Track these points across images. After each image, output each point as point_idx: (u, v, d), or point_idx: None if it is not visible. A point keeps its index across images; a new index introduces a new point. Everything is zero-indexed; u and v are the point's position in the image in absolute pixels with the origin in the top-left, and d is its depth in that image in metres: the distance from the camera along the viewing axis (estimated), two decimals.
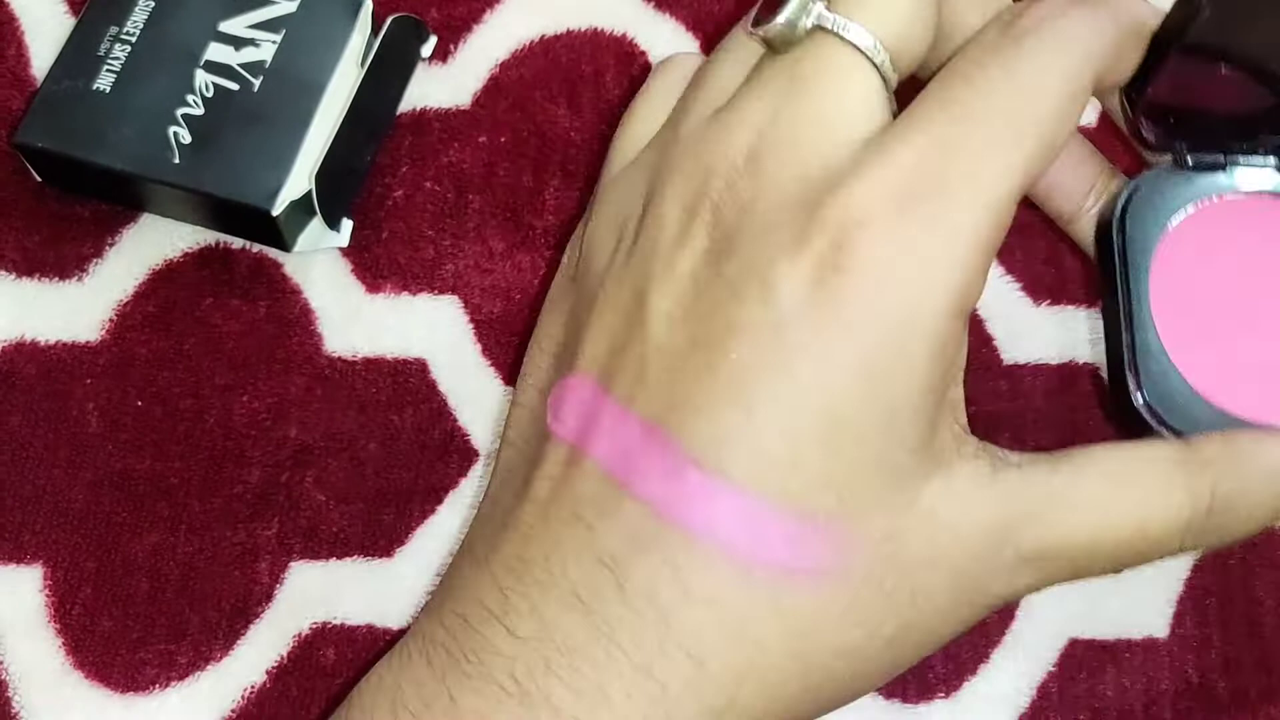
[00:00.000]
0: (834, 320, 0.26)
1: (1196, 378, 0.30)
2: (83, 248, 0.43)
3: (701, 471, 0.26)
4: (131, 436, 0.41)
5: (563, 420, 0.29)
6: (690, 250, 0.28)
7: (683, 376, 0.27)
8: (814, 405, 0.26)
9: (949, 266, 0.26)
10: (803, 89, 0.28)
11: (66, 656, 0.39)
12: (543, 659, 0.26)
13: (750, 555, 0.26)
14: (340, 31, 0.43)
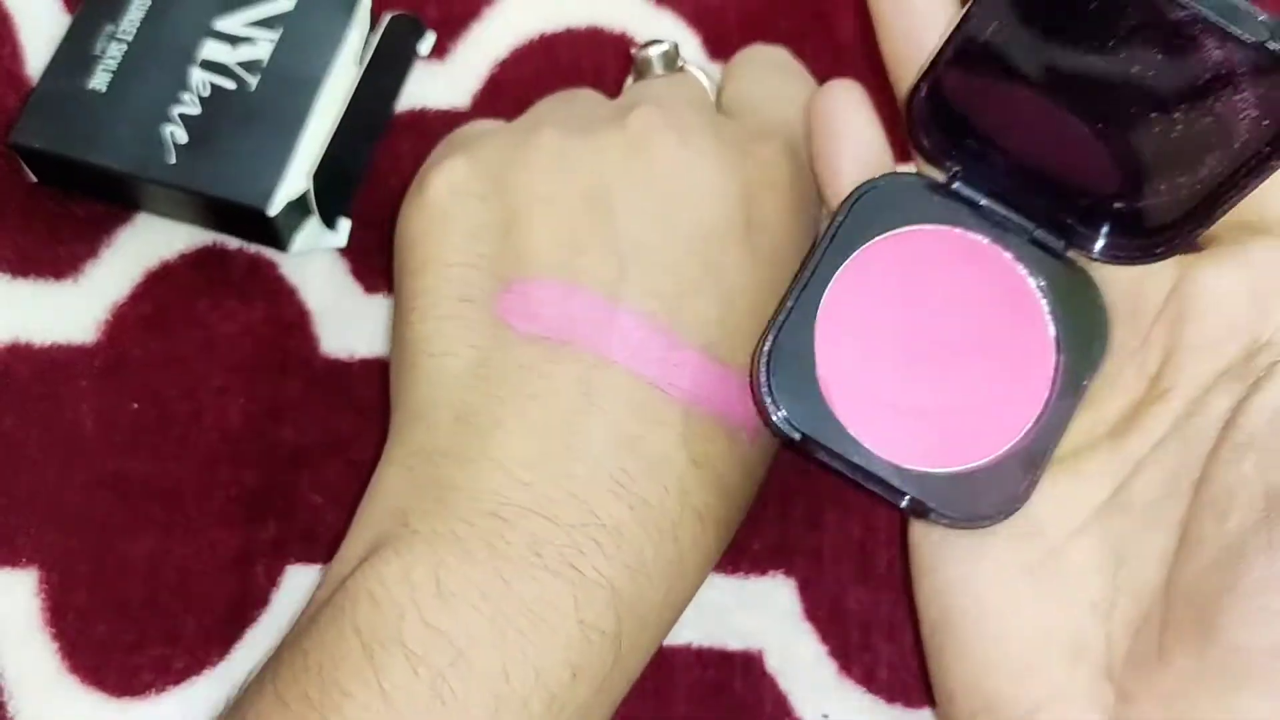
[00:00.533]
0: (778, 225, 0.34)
1: (824, 367, 0.32)
2: (78, 248, 0.43)
3: (694, 351, 0.31)
4: (126, 438, 0.40)
5: (538, 320, 0.32)
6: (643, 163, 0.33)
7: (662, 270, 0.32)
8: (767, 293, 0.33)
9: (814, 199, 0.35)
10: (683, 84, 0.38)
11: (61, 661, 0.38)
12: (593, 540, 0.30)
13: (733, 420, 0.32)
14: (337, 29, 0.42)
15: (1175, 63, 0.29)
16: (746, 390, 0.32)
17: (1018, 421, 0.33)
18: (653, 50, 0.38)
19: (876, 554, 0.39)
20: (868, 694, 0.38)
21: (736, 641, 0.38)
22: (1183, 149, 0.31)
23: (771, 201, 0.34)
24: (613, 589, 0.29)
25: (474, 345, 0.32)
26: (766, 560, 0.39)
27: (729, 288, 0.33)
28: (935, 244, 0.34)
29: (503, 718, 0.28)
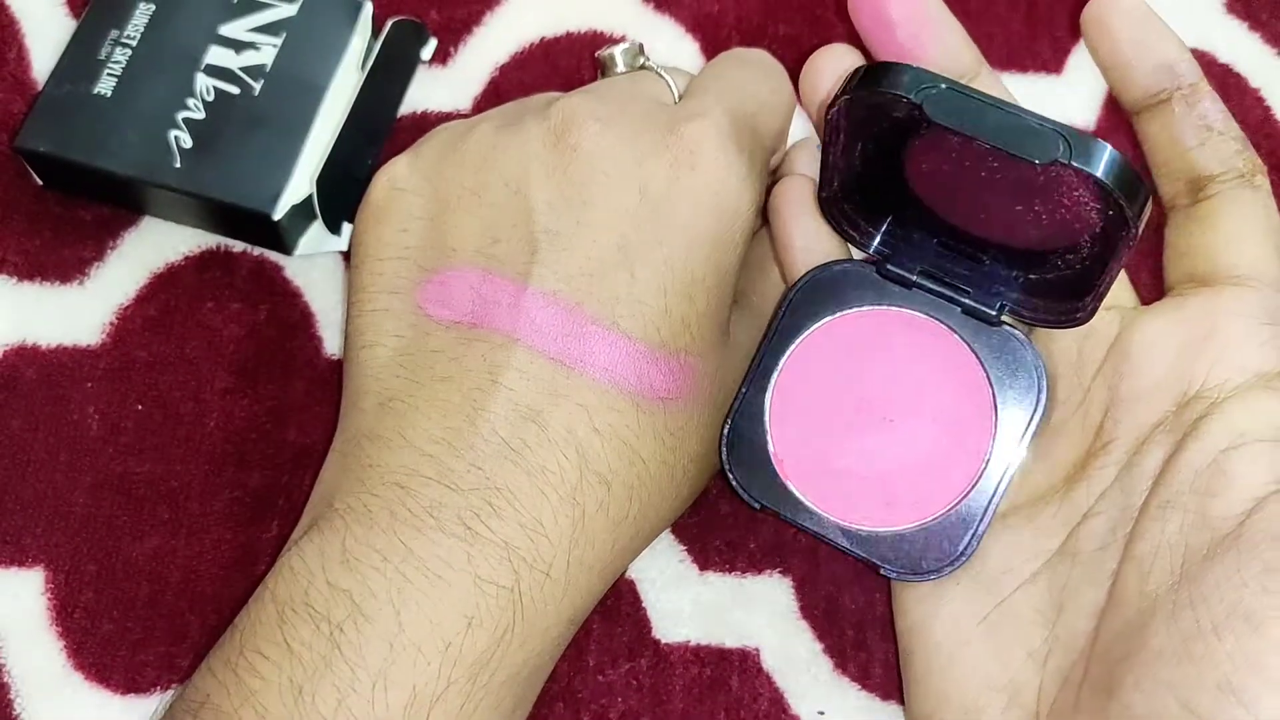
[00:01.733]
0: (690, 204, 0.34)
1: (777, 441, 0.35)
2: (83, 251, 0.42)
3: (600, 327, 0.32)
4: (132, 440, 0.40)
5: (453, 306, 0.33)
6: (561, 151, 0.34)
7: (573, 253, 0.33)
8: (678, 268, 0.33)
9: (752, 180, 0.35)
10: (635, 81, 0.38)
11: (68, 659, 0.38)
12: (488, 503, 0.31)
13: (639, 389, 0.33)
14: (340, 35, 0.42)
15: (1007, 172, 0.32)
16: (659, 362, 0.33)
17: (959, 482, 0.35)
18: (616, 48, 0.39)
19: None
20: (863, 691, 0.38)
21: (733, 639, 0.38)
22: (1060, 237, 0.33)
23: (688, 180, 0.34)
24: (508, 546, 0.31)
25: (398, 335, 0.34)
26: (763, 559, 0.39)
27: (643, 265, 0.33)
28: (875, 322, 0.36)
29: (398, 662, 0.29)
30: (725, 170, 0.34)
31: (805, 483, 0.35)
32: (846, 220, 0.36)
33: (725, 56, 0.39)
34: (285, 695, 0.29)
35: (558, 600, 0.32)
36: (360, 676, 0.29)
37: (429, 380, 0.32)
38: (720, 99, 0.36)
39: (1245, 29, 0.46)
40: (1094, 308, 0.33)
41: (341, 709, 0.29)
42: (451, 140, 0.36)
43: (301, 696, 0.29)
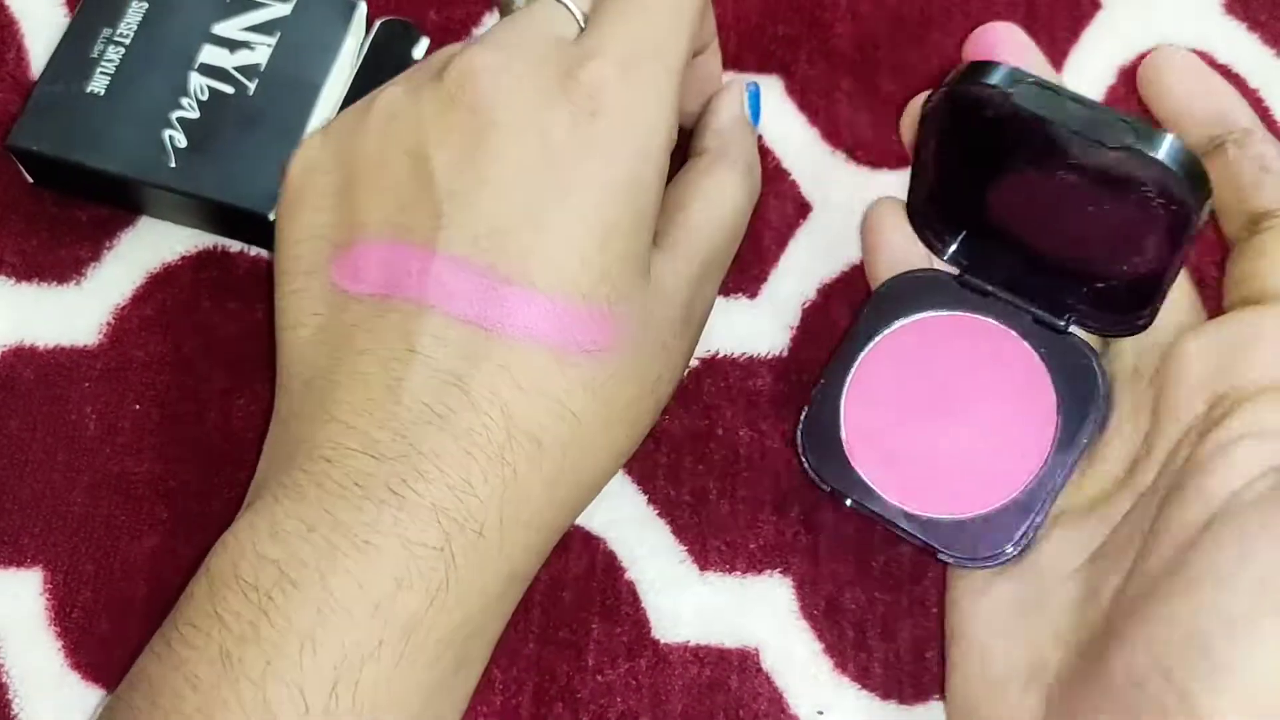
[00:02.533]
0: (595, 150, 0.33)
1: (850, 433, 0.37)
2: (80, 251, 0.41)
3: (514, 286, 0.31)
4: (129, 440, 0.39)
5: (365, 279, 0.32)
6: (458, 111, 0.33)
7: (478, 212, 0.32)
8: (589, 217, 0.32)
9: (661, 112, 0.34)
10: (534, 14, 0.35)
11: (65, 658, 0.37)
12: (414, 469, 0.30)
13: (561, 344, 0.32)
14: (335, 34, 0.41)
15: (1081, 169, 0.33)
16: (579, 315, 0.32)
17: (1019, 477, 0.36)
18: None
19: (872, 553, 0.38)
20: (863, 691, 0.37)
21: (733, 639, 0.37)
22: (1126, 235, 0.34)
23: (589, 126, 0.33)
24: (436, 508, 0.30)
25: (316, 313, 0.33)
26: (763, 559, 0.38)
27: (552, 218, 0.32)
28: (949, 326, 0.38)
29: (326, 625, 0.29)
30: (628, 109, 0.33)
31: (873, 469, 0.36)
32: (931, 230, 0.38)
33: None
34: (214, 662, 0.29)
35: (494, 558, 0.31)
36: (288, 639, 0.29)
37: (348, 354, 0.32)
38: (617, 27, 0.34)
39: (1244, 29, 0.45)
40: (1154, 313, 0.35)
41: (269, 671, 0.29)
42: (357, 112, 0.35)
43: (230, 661, 0.29)
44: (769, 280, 0.42)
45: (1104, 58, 0.45)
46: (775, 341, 0.41)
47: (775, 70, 0.44)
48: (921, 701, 0.37)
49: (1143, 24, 0.45)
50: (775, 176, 0.43)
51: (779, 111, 0.44)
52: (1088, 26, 0.45)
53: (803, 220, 0.42)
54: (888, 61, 0.44)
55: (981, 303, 0.37)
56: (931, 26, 0.45)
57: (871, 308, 0.38)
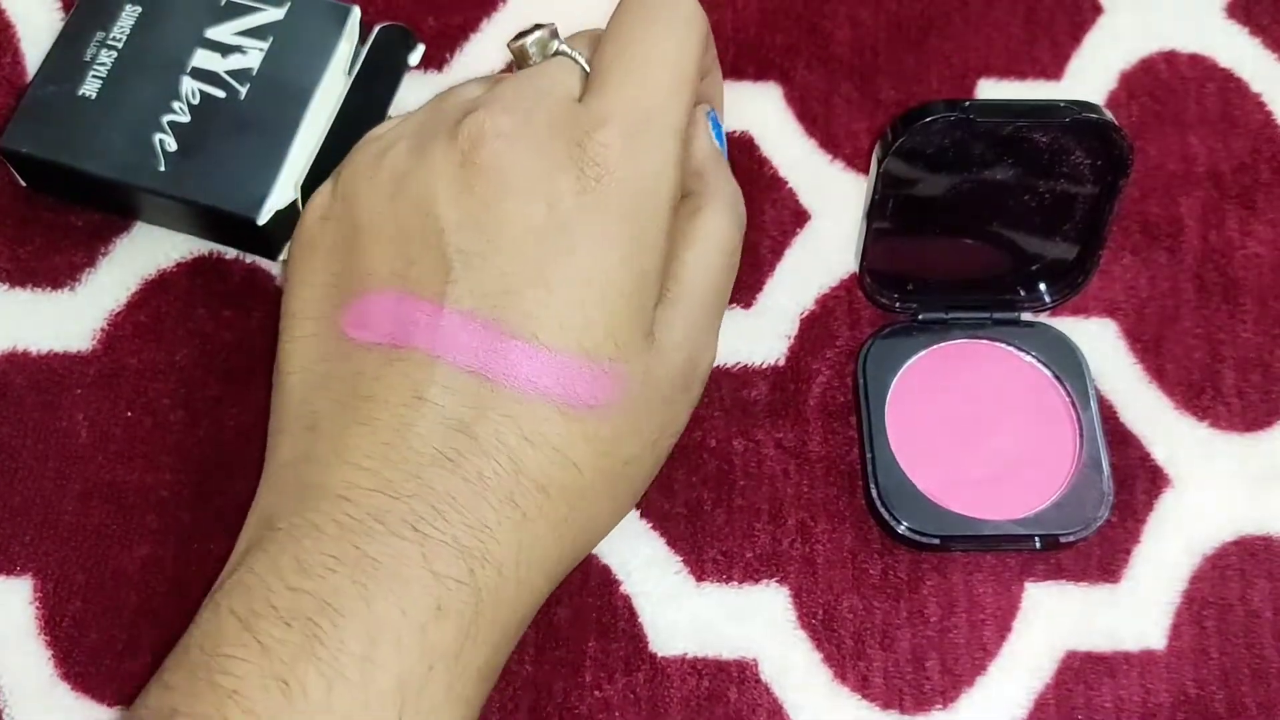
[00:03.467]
0: (602, 214, 0.33)
1: (921, 482, 0.37)
2: (75, 257, 0.40)
3: (519, 341, 0.31)
4: (121, 448, 0.38)
5: (373, 328, 0.32)
6: (468, 170, 0.33)
7: (487, 272, 0.32)
8: (595, 278, 0.32)
9: (665, 173, 0.34)
10: (548, 73, 0.35)
11: (55, 668, 0.35)
12: (431, 508, 0.30)
13: (563, 398, 0.32)
14: (328, 40, 0.40)
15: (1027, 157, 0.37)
16: (582, 372, 0.32)
17: (1069, 446, 0.38)
18: (528, 39, 0.36)
19: (869, 562, 0.37)
20: (862, 700, 0.35)
21: (730, 651, 0.36)
22: (1062, 205, 0.38)
23: (597, 191, 0.33)
24: (458, 544, 0.30)
25: (324, 359, 0.33)
26: (760, 569, 0.37)
27: (558, 278, 0.32)
28: (939, 359, 0.40)
29: (380, 647, 0.28)
30: (637, 175, 0.33)
31: (965, 504, 0.37)
32: (883, 291, 0.40)
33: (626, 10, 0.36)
34: (270, 689, 0.27)
35: (512, 597, 0.31)
36: (345, 662, 0.28)
37: (355, 400, 0.32)
38: (623, 91, 0.34)
39: (1246, 34, 0.44)
40: (1097, 261, 0.39)
41: (334, 694, 0.28)
42: (369, 163, 0.34)
43: (289, 688, 0.27)
44: (764, 290, 0.40)
45: (1106, 62, 0.43)
46: (771, 351, 0.40)
47: (774, 78, 0.43)
48: (922, 711, 0.35)
49: (1144, 28, 0.44)
50: (773, 185, 0.42)
51: (777, 120, 0.43)
52: (1089, 31, 0.44)
53: (800, 229, 0.41)
54: (887, 68, 0.43)
55: (946, 329, 0.40)
56: (930, 32, 0.44)
57: (871, 373, 0.39)
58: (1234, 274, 0.41)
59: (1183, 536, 0.37)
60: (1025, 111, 0.35)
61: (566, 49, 0.36)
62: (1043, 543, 0.37)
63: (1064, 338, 0.39)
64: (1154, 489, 0.38)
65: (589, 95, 0.35)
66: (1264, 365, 0.39)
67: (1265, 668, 0.36)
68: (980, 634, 0.36)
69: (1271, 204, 0.41)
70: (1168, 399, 0.39)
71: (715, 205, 0.36)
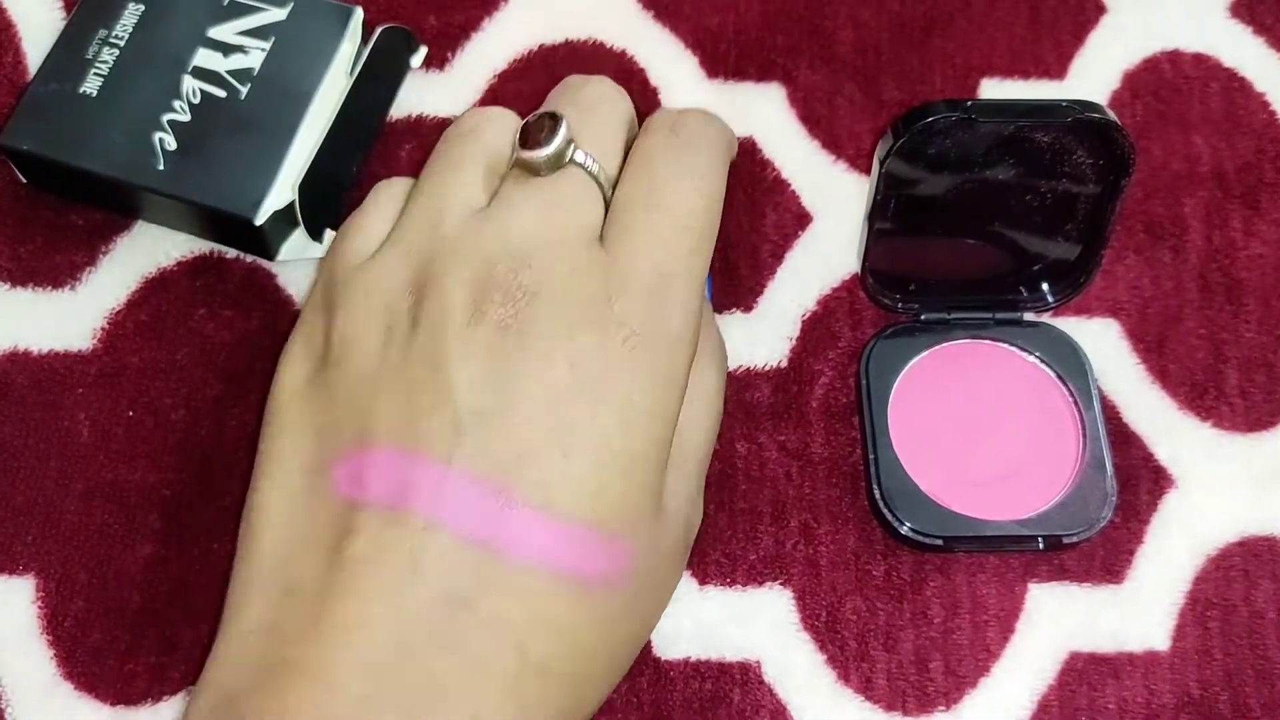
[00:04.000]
0: (624, 377, 0.30)
1: (924, 483, 0.37)
2: (76, 256, 0.39)
3: (528, 509, 0.29)
4: (123, 447, 0.37)
5: (370, 487, 0.29)
6: (485, 327, 0.30)
7: (501, 434, 0.29)
8: (616, 445, 0.30)
9: (688, 334, 0.32)
10: (565, 198, 0.32)
11: (57, 668, 0.35)
12: (423, 699, 0.27)
13: (575, 573, 0.29)
14: (330, 40, 0.39)
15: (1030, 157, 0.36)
16: (595, 544, 0.29)
17: (1073, 445, 0.38)
18: (542, 156, 0.32)
19: (873, 563, 0.36)
20: (866, 702, 0.35)
21: (733, 653, 0.35)
22: (1065, 205, 0.38)
23: (622, 355, 0.30)
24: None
25: (308, 515, 0.30)
26: (763, 571, 0.36)
27: (576, 444, 0.29)
28: (942, 359, 0.39)
29: None
30: (660, 339, 0.31)
31: (969, 505, 0.37)
32: (886, 292, 0.39)
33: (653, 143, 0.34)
34: None
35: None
36: None
37: (341, 564, 0.28)
38: (649, 245, 0.32)
39: (1250, 33, 0.43)
40: (1099, 261, 0.38)
41: None
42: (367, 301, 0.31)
43: None
44: (766, 292, 0.40)
45: (1109, 62, 0.43)
46: (773, 353, 0.39)
47: (777, 79, 0.43)
48: (925, 713, 0.35)
49: (1148, 28, 0.43)
50: (775, 188, 0.41)
51: (780, 121, 0.42)
52: (1093, 30, 0.43)
53: (802, 231, 0.41)
54: (890, 68, 0.43)
55: (948, 329, 0.39)
56: (933, 32, 0.43)
57: (873, 374, 0.39)
58: (1237, 274, 0.40)
59: (1186, 537, 0.37)
60: (1027, 111, 0.35)
61: (581, 157, 0.33)
62: (1046, 543, 0.36)
63: (1067, 338, 0.39)
64: (1157, 489, 0.38)
65: (611, 241, 0.32)
66: (1268, 365, 0.39)
67: (1269, 669, 0.35)
68: (983, 635, 0.36)
69: (1275, 204, 0.41)
70: (1171, 399, 0.39)
71: (705, 361, 0.34)
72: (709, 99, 0.42)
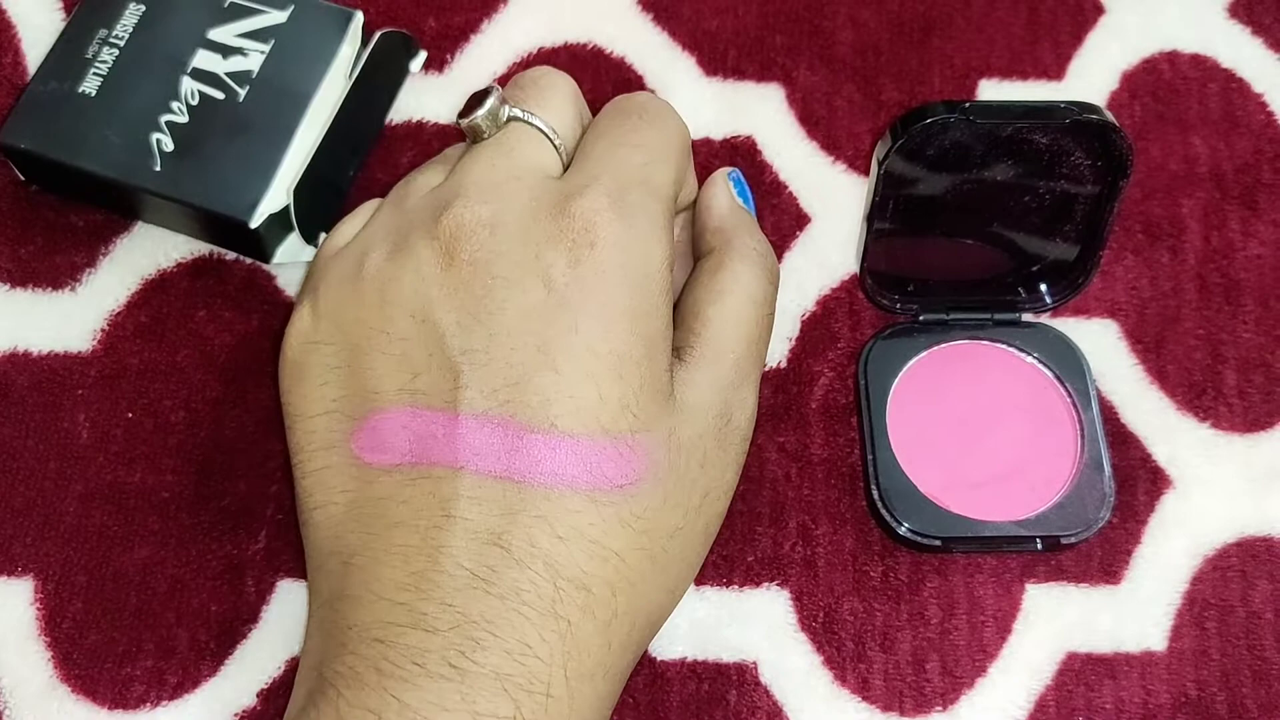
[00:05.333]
0: (598, 283, 0.31)
1: (922, 484, 0.37)
2: (76, 257, 0.39)
3: (537, 434, 0.30)
4: (122, 448, 0.37)
5: (389, 450, 0.30)
6: (456, 267, 0.31)
7: (494, 367, 0.30)
8: (601, 351, 0.30)
9: (656, 234, 0.32)
10: (512, 147, 0.33)
11: (55, 670, 0.35)
12: (469, 638, 0.28)
13: (591, 485, 0.30)
14: (329, 44, 0.39)
15: (1028, 158, 0.36)
16: (605, 451, 0.30)
17: (1071, 444, 0.38)
18: (478, 115, 0.33)
19: (870, 565, 0.36)
20: (863, 703, 0.35)
21: (730, 654, 0.35)
22: (1063, 206, 0.37)
23: (590, 260, 0.31)
24: (499, 675, 0.28)
25: (344, 490, 0.31)
26: (760, 572, 0.36)
27: (565, 358, 0.30)
28: (940, 360, 0.39)
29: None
30: (626, 237, 0.31)
31: (966, 506, 0.37)
32: (884, 292, 0.39)
33: (607, 110, 0.35)
34: None
35: (565, 717, 0.29)
36: None
37: (383, 529, 0.30)
38: (603, 162, 0.33)
39: (1248, 34, 0.43)
40: (1097, 263, 0.38)
41: None
42: (346, 277, 0.32)
43: None
44: None
45: (1107, 62, 0.42)
46: (773, 353, 0.39)
47: (776, 79, 0.42)
48: (922, 713, 0.35)
49: (1146, 29, 0.43)
50: (773, 190, 0.41)
51: (779, 122, 0.42)
52: (1091, 31, 0.43)
53: (800, 232, 0.40)
54: (889, 69, 0.42)
55: (947, 330, 0.39)
56: (932, 33, 0.43)
57: (872, 374, 0.38)
58: (1236, 274, 0.40)
59: (1184, 537, 0.37)
60: (1025, 113, 0.35)
61: (519, 113, 0.34)
62: (1044, 544, 0.36)
63: (1065, 338, 0.39)
64: (1155, 490, 0.37)
65: (570, 171, 0.33)
66: (1265, 366, 0.39)
67: (1266, 669, 0.35)
68: (981, 635, 0.36)
69: (1273, 204, 0.41)
70: (1169, 399, 0.38)
71: (739, 259, 0.34)
72: (708, 100, 0.42)
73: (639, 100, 0.35)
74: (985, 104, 0.35)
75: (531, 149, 0.33)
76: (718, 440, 0.32)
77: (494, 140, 0.34)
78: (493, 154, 0.33)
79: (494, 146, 0.33)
